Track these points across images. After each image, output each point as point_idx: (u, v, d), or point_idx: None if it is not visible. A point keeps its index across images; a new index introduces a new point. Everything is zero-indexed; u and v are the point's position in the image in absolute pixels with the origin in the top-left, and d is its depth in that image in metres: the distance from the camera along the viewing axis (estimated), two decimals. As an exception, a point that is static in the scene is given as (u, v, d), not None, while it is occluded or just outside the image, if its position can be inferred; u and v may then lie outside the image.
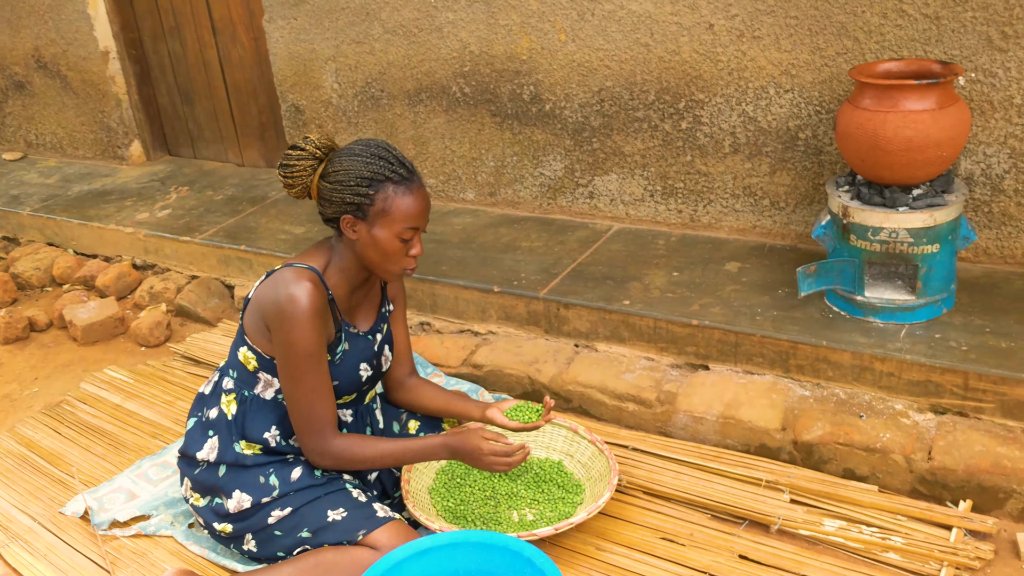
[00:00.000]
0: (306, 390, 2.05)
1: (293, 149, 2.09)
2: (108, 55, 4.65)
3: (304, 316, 1.99)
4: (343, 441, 2.11)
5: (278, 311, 2.01)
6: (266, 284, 2.09)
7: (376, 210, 2.03)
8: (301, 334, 2.00)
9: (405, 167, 2.06)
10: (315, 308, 2.00)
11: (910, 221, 2.45)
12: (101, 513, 2.43)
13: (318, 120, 4.02)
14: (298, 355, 2.01)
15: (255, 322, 2.11)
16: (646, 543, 2.21)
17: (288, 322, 1.99)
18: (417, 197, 2.06)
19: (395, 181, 2.03)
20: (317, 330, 2.02)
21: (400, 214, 2.04)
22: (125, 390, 3.11)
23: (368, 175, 2.02)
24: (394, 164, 2.04)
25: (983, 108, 2.66)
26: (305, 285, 2.00)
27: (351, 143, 2.09)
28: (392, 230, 2.04)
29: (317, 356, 2.04)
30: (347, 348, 2.19)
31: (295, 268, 2.06)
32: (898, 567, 2.07)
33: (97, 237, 4.11)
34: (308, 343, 2.01)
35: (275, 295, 2.02)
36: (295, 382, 2.05)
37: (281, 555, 2.11)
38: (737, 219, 3.19)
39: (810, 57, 2.85)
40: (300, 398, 2.06)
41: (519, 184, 3.61)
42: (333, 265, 2.13)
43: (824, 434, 2.38)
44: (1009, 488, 2.18)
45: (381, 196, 2.03)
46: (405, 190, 2.04)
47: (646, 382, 2.68)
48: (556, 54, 3.29)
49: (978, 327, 2.51)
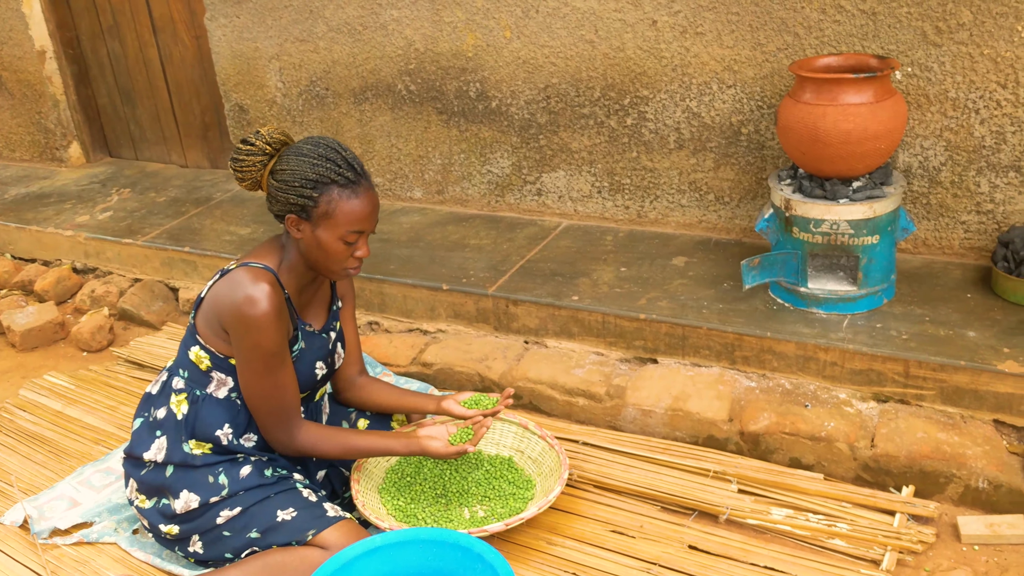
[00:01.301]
0: (273, 387, 2.06)
1: (244, 143, 2.06)
2: (44, 55, 4.54)
3: (266, 319, 1.98)
4: (310, 433, 2.14)
5: (238, 314, 1.99)
6: (221, 284, 2.06)
7: (320, 212, 2.01)
8: (264, 336, 1.99)
9: (353, 169, 2.03)
10: (275, 309, 2.00)
11: (851, 213, 2.49)
12: (41, 521, 2.37)
13: (262, 119, 3.97)
14: (263, 356, 2.02)
15: (209, 322, 2.08)
16: (596, 536, 2.21)
17: (250, 325, 1.98)
18: (363, 200, 2.03)
19: (340, 184, 2.01)
20: (279, 330, 2.02)
21: (344, 218, 2.02)
22: (66, 396, 3.04)
23: (313, 177, 2.00)
24: (341, 166, 2.02)
25: (919, 102, 2.72)
26: (263, 287, 1.99)
27: (301, 141, 2.07)
28: (335, 233, 2.03)
29: (281, 354, 2.05)
30: (303, 347, 2.17)
31: (251, 268, 2.03)
32: (844, 553, 2.10)
33: (35, 241, 4.01)
34: (272, 344, 2.01)
35: (232, 297, 2.00)
36: (261, 381, 2.05)
37: (229, 557, 2.08)
38: (683, 214, 3.22)
39: (751, 53, 2.88)
40: (267, 395, 2.07)
41: (467, 182, 3.60)
42: (284, 263, 2.11)
43: (770, 424, 2.41)
44: (949, 473, 2.23)
45: (325, 199, 2.00)
46: (350, 193, 2.01)
47: (596, 377, 2.69)
48: (502, 51, 3.29)
49: (918, 316, 2.56)
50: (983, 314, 2.54)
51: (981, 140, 2.69)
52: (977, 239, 2.80)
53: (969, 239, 2.82)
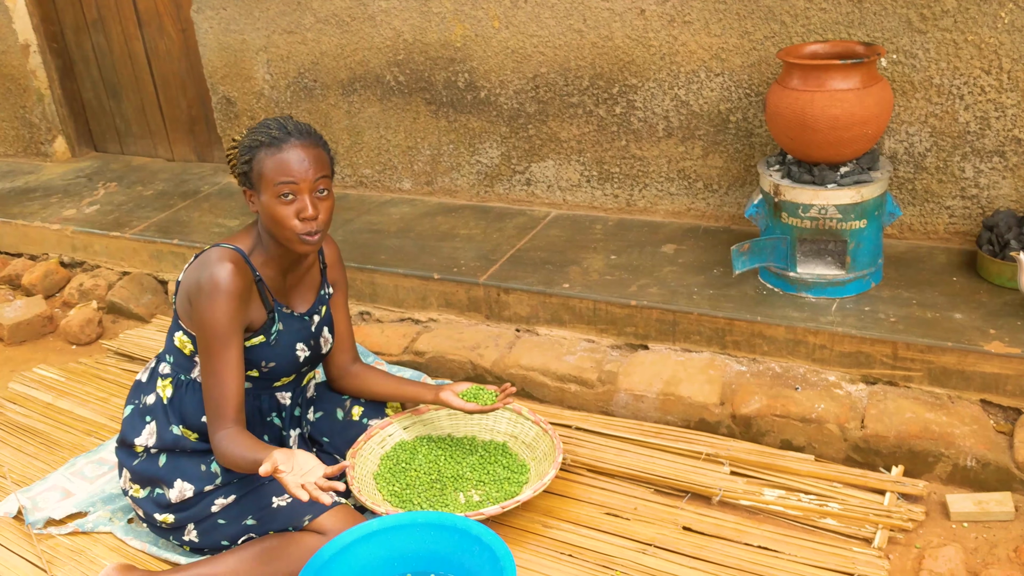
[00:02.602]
0: (210, 371, 2.00)
1: (233, 139, 2.11)
2: (28, 48, 4.51)
3: (220, 296, 1.97)
4: (227, 433, 1.97)
5: (197, 289, 2.00)
6: (193, 266, 2.09)
7: (255, 176, 2.03)
8: (213, 314, 1.97)
9: (283, 128, 2.02)
10: (233, 289, 1.98)
11: (838, 198, 2.52)
12: (35, 512, 2.36)
13: (250, 112, 3.97)
14: (209, 334, 1.98)
15: (183, 305, 2.10)
16: (591, 518, 2.23)
17: (205, 301, 1.98)
18: (288, 153, 1.99)
19: (266, 144, 2.01)
20: (232, 311, 1.99)
21: (270, 172, 2.00)
22: (57, 388, 3.03)
23: (247, 144, 2.04)
24: (271, 128, 2.02)
25: (904, 88, 2.75)
26: (227, 266, 1.99)
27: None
28: (270, 192, 2.01)
29: (225, 338, 1.99)
30: (281, 328, 2.16)
31: (220, 248, 2.06)
32: (836, 532, 2.13)
33: (21, 235, 3.99)
34: (221, 322, 1.98)
35: (198, 275, 2.02)
36: (204, 360, 2.01)
37: (225, 544, 2.08)
38: (672, 202, 3.24)
39: (739, 41, 2.90)
40: (206, 377, 2.01)
41: (456, 172, 3.61)
42: (259, 246, 2.12)
43: (761, 407, 2.43)
44: (938, 452, 2.26)
45: (256, 161, 2.02)
46: (275, 150, 2.00)
47: (587, 363, 2.71)
48: (490, 41, 3.30)
49: (905, 299, 2.59)
50: (969, 297, 2.57)
51: (966, 126, 2.72)
52: (962, 224, 2.84)
53: (954, 224, 2.85)
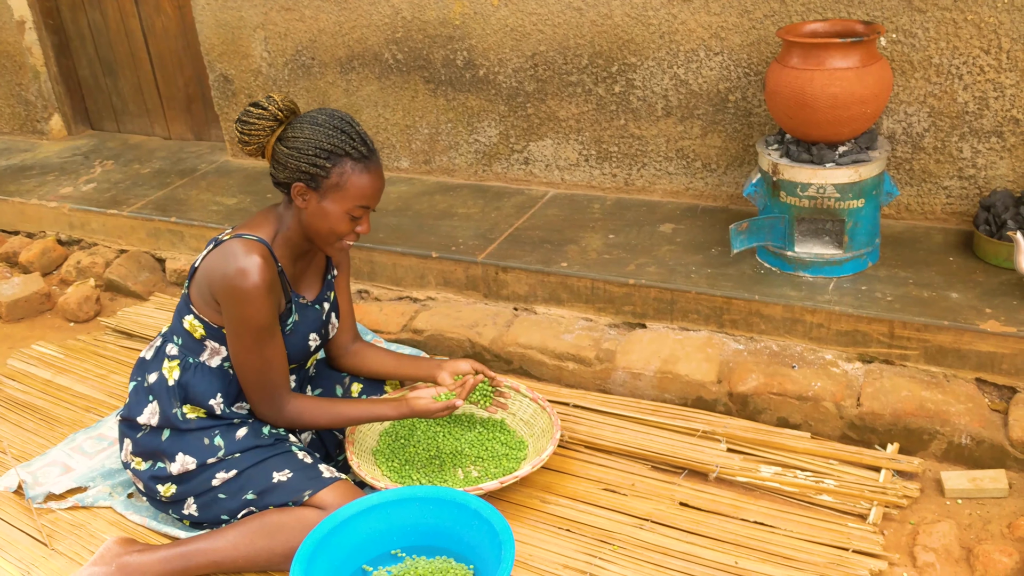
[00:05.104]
0: (261, 361, 2.06)
1: (255, 107, 2.06)
2: (24, 25, 4.48)
3: (256, 292, 1.98)
4: (297, 405, 2.14)
5: (228, 286, 1.99)
6: (215, 255, 2.06)
7: (330, 183, 2.02)
8: (254, 310, 2.00)
9: (366, 145, 2.05)
10: (266, 283, 1.99)
11: (836, 177, 2.52)
12: (36, 487, 2.37)
13: (248, 90, 3.95)
14: (252, 330, 2.02)
15: (202, 293, 2.09)
16: (589, 494, 2.25)
17: (240, 297, 1.99)
18: (374, 176, 2.06)
19: (354, 158, 2.02)
20: (269, 304, 2.02)
21: (354, 191, 2.03)
22: (56, 365, 3.03)
23: (328, 147, 2.01)
24: (356, 140, 2.03)
25: (903, 68, 2.75)
26: (255, 259, 1.99)
27: (314, 111, 2.07)
28: (343, 206, 2.04)
29: (270, 328, 2.05)
30: (297, 319, 2.18)
31: (245, 240, 2.03)
32: (831, 508, 2.15)
33: (18, 213, 3.98)
34: (261, 318, 2.01)
35: (224, 269, 2.00)
36: (249, 354, 2.05)
37: (225, 519, 2.10)
38: (670, 182, 3.25)
39: (738, 20, 2.90)
40: (255, 368, 2.07)
41: (454, 151, 3.61)
42: (280, 235, 2.11)
43: (758, 385, 2.45)
44: (933, 430, 2.28)
45: (338, 170, 2.02)
46: (363, 168, 2.03)
47: (585, 341, 2.72)
48: (489, 19, 3.29)
49: (902, 279, 2.60)
50: (965, 276, 2.59)
51: (964, 106, 2.72)
52: (959, 204, 2.85)
53: (951, 204, 2.86)
